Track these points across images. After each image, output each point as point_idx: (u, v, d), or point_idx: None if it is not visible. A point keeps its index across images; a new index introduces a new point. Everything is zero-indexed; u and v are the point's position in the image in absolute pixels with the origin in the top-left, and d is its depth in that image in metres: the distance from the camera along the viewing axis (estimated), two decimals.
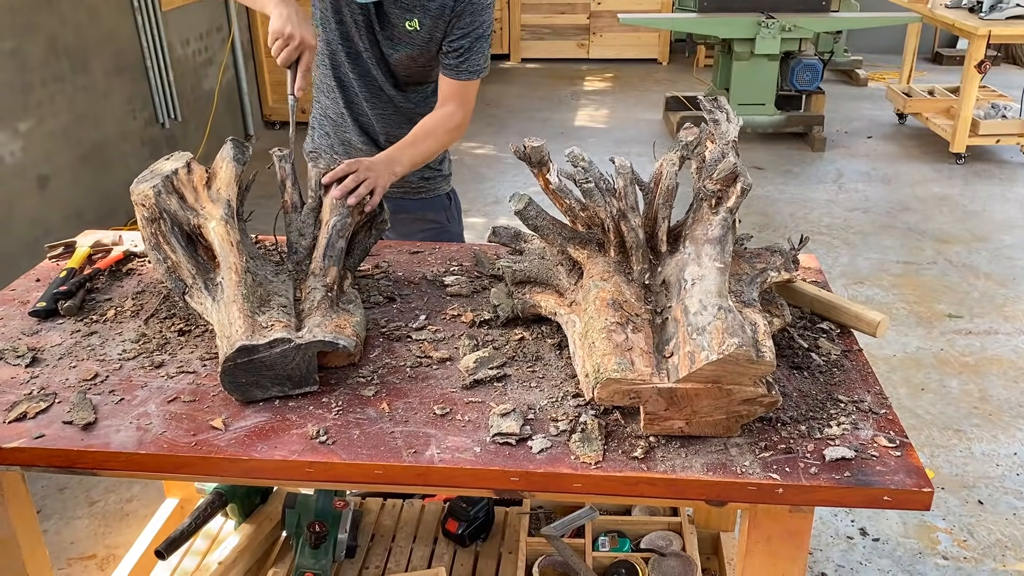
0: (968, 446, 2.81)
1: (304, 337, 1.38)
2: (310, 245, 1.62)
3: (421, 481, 1.28)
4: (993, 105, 5.72)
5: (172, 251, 1.52)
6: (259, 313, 1.42)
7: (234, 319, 1.40)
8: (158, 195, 1.52)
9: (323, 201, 1.67)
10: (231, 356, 1.34)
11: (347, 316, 1.49)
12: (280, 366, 1.36)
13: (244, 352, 1.34)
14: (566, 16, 8.39)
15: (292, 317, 1.44)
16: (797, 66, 5.69)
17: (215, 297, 1.48)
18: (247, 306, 1.42)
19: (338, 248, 1.59)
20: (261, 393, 1.38)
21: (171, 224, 1.52)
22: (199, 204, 1.56)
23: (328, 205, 1.65)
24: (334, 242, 1.59)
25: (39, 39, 3.74)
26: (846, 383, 1.44)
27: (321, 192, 1.67)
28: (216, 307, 1.46)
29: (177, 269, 1.54)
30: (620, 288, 1.40)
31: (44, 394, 1.41)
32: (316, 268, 1.56)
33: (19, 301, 1.73)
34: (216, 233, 1.52)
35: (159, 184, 1.53)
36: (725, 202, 1.43)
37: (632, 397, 1.25)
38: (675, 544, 2.08)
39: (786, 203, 4.94)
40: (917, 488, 1.21)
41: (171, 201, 1.53)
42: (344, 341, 1.40)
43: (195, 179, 1.60)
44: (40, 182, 3.76)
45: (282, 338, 1.36)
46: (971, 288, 3.91)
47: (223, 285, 1.47)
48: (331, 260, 1.57)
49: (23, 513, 1.49)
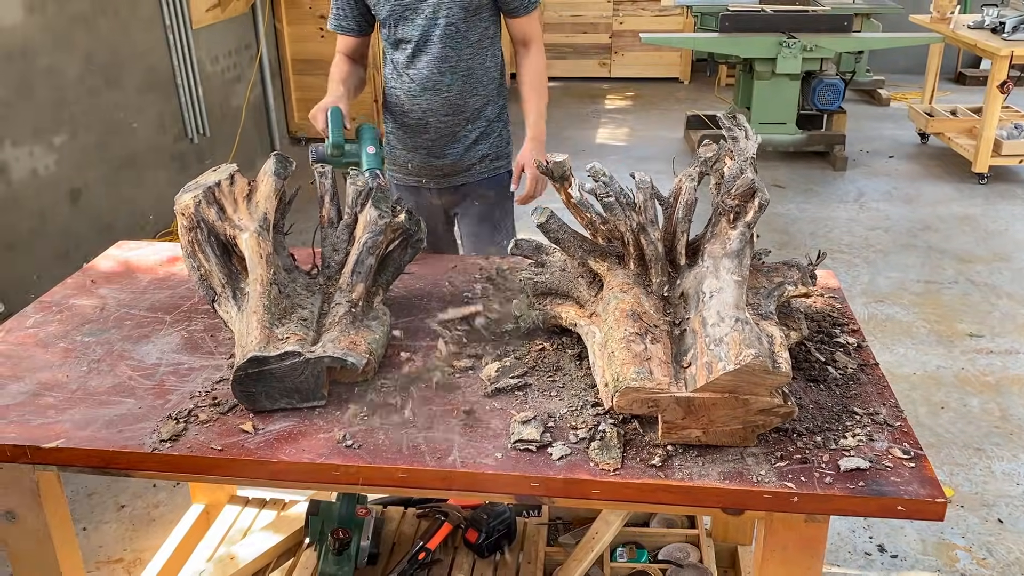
0: (988, 465, 2.81)
1: (315, 352, 1.41)
2: (342, 260, 1.65)
3: (443, 485, 1.31)
4: (1016, 125, 5.71)
5: (206, 259, 1.58)
6: (278, 325, 1.45)
7: (251, 329, 1.43)
8: (198, 205, 1.57)
9: (358, 217, 1.70)
10: (243, 366, 1.37)
11: (366, 332, 1.51)
12: (289, 378, 1.40)
13: (255, 363, 1.37)
14: (588, 35, 8.46)
15: (311, 331, 1.47)
16: (818, 85, 5.70)
17: (240, 307, 1.52)
18: (267, 317, 1.45)
19: (367, 265, 1.61)
20: (269, 404, 1.41)
21: (207, 234, 1.57)
22: (237, 216, 1.61)
23: (363, 222, 1.67)
24: (363, 259, 1.62)
25: (75, 56, 3.84)
26: (862, 396, 1.46)
27: (357, 209, 1.70)
28: (240, 316, 1.50)
29: (209, 277, 1.59)
30: (639, 300, 1.43)
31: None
32: (343, 284, 1.59)
33: (56, 308, 1.79)
34: (247, 245, 1.57)
35: (200, 195, 1.58)
36: (743, 217, 1.46)
37: (650, 406, 1.28)
38: (692, 556, 2.09)
39: (807, 221, 4.95)
40: (931, 498, 1.23)
41: (210, 212, 1.59)
42: (353, 358, 1.41)
43: (236, 191, 1.65)
44: (72, 195, 3.85)
45: (293, 351, 1.38)
46: (992, 307, 3.90)
47: (249, 295, 1.52)
48: (359, 276, 1.60)
49: (58, 513, 1.54)
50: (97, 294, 1.85)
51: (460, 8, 2.17)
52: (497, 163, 2.41)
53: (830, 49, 5.62)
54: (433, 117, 2.30)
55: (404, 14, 2.20)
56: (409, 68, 2.27)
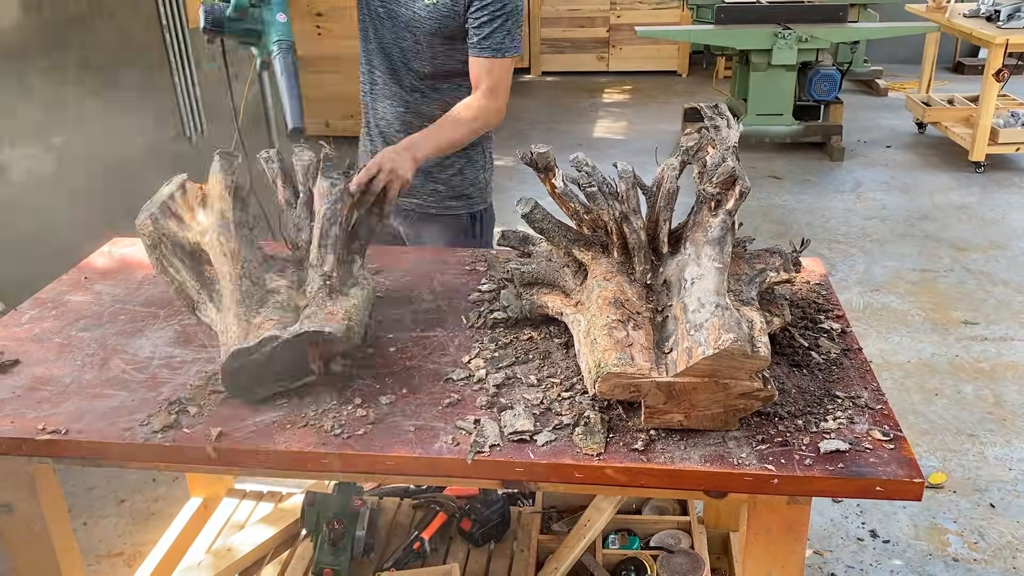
0: (981, 450, 2.83)
1: (290, 331, 1.40)
2: (308, 238, 1.64)
3: (430, 472, 1.34)
4: (1013, 114, 5.71)
5: (176, 271, 1.58)
6: (256, 315, 1.47)
7: (229, 325, 1.45)
8: (155, 221, 1.57)
9: (313, 192, 1.68)
10: (227, 363, 1.39)
11: (343, 300, 1.50)
12: (275, 362, 1.40)
13: (238, 356, 1.38)
14: (586, 30, 8.47)
15: (289, 312, 1.48)
16: (815, 76, 5.71)
17: (218, 307, 1.54)
18: (242, 311, 1.47)
19: (332, 235, 1.60)
20: (265, 391, 1.42)
21: (171, 246, 1.57)
22: (195, 222, 1.61)
23: (319, 194, 1.66)
24: (327, 230, 1.60)
25: (72, 56, 3.87)
26: (844, 380, 1.48)
27: (310, 183, 1.68)
28: (220, 316, 1.51)
29: (184, 288, 1.59)
30: (622, 287, 1.45)
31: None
32: (313, 259, 1.59)
33: (52, 304, 1.81)
34: (209, 245, 1.57)
35: (155, 211, 1.59)
36: (724, 205, 1.48)
37: (632, 391, 1.30)
38: (684, 543, 2.12)
39: (804, 212, 4.96)
40: (908, 479, 1.25)
41: (169, 224, 1.59)
42: (331, 327, 1.41)
43: (189, 199, 1.64)
44: (72, 195, 3.88)
45: (270, 336, 1.38)
46: (988, 295, 3.92)
47: (222, 294, 1.53)
48: (326, 249, 1.58)
49: (54, 505, 1.57)
50: (92, 290, 1.88)
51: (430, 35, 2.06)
52: (451, 202, 2.27)
53: (826, 40, 5.63)
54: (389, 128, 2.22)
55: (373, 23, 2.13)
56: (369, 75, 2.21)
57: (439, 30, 2.05)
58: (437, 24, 2.04)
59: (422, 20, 2.05)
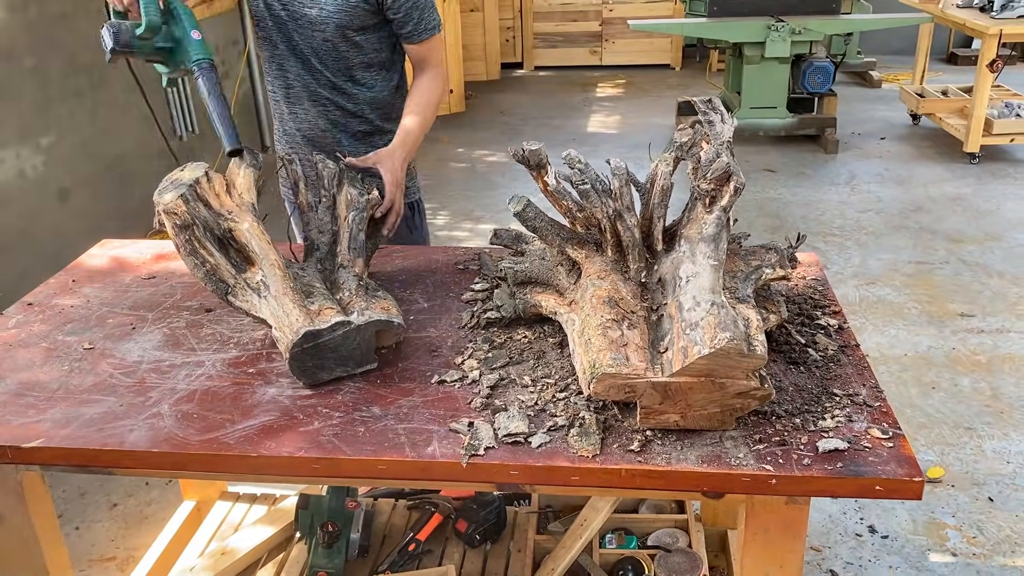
0: (979, 444, 2.81)
1: (362, 318, 1.47)
2: (330, 241, 1.71)
3: (424, 476, 1.32)
4: (1007, 104, 5.70)
5: (209, 255, 1.55)
6: (310, 303, 1.50)
7: (289, 310, 1.47)
8: (187, 202, 1.54)
9: (336, 198, 1.75)
10: (298, 343, 1.41)
11: (386, 300, 1.58)
12: (343, 347, 1.46)
13: (309, 337, 1.42)
14: (578, 24, 8.43)
15: (336, 305, 1.52)
16: (808, 69, 5.69)
17: (260, 294, 1.53)
18: (297, 297, 1.50)
19: (360, 241, 1.70)
20: (326, 375, 1.47)
21: (203, 229, 1.55)
22: (225, 209, 1.60)
23: (344, 201, 1.74)
24: (356, 235, 1.70)
25: (58, 56, 3.83)
26: (842, 377, 1.46)
27: (334, 191, 1.75)
28: (265, 302, 1.51)
29: (217, 271, 1.56)
30: (617, 286, 1.43)
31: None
32: (344, 260, 1.67)
33: (39, 308, 1.79)
34: (251, 234, 1.57)
35: (186, 192, 1.56)
36: (719, 201, 1.46)
37: (627, 391, 1.29)
38: (681, 541, 2.10)
39: (799, 205, 4.95)
40: (908, 477, 1.23)
41: (200, 208, 1.57)
42: (397, 319, 1.51)
43: (216, 186, 1.64)
44: (61, 195, 3.85)
45: (342, 321, 1.45)
46: (984, 287, 3.91)
47: (266, 282, 1.53)
48: (356, 252, 1.68)
49: (43, 512, 1.54)
50: (80, 293, 1.85)
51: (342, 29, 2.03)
52: None
53: (819, 31, 5.61)
54: (317, 127, 2.18)
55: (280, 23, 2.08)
56: (283, 79, 2.15)
57: (350, 23, 2.02)
58: (348, 18, 2.01)
59: (330, 16, 2.01)
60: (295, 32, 2.07)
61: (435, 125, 2.19)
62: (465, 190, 5.16)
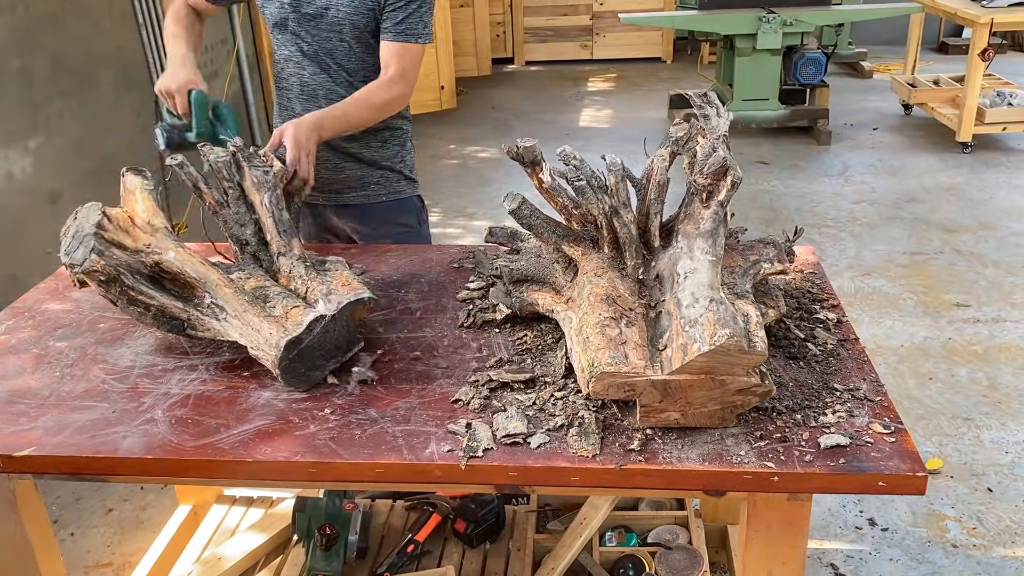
0: (977, 434, 2.81)
1: (332, 306, 1.43)
2: (255, 231, 1.63)
3: (421, 479, 1.30)
4: (999, 93, 5.70)
5: (151, 298, 1.49)
6: (273, 309, 1.45)
7: (258, 326, 1.42)
8: (101, 255, 1.46)
9: (242, 186, 1.66)
10: (282, 356, 1.37)
11: (339, 273, 1.52)
12: (327, 341, 1.43)
13: (291, 346, 1.38)
14: (568, 18, 8.41)
15: (296, 300, 1.47)
16: (800, 60, 5.68)
17: (219, 317, 1.47)
18: (258, 308, 1.45)
19: (285, 220, 1.61)
20: (320, 373, 1.45)
21: (132, 275, 1.48)
22: (140, 244, 1.53)
23: (251, 186, 1.64)
24: (279, 217, 1.61)
25: (45, 57, 3.79)
26: (842, 372, 1.45)
27: (237, 178, 1.65)
28: (230, 325, 1.46)
29: (165, 311, 1.50)
30: (614, 283, 1.42)
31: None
32: (280, 248, 1.58)
33: (29, 313, 1.77)
34: (181, 260, 1.50)
35: (95, 245, 1.47)
36: (716, 196, 1.44)
37: (627, 390, 1.27)
38: (682, 538, 2.09)
39: (792, 197, 4.94)
40: (911, 473, 1.22)
41: (116, 253, 1.49)
42: (365, 293, 1.47)
43: (120, 222, 1.56)
44: (51, 197, 3.81)
45: (316, 317, 1.40)
46: (979, 276, 3.90)
47: (219, 303, 1.47)
48: (287, 234, 1.60)
49: (37, 520, 1.53)
50: (70, 298, 1.83)
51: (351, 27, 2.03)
52: (400, 184, 2.22)
53: (810, 23, 5.60)
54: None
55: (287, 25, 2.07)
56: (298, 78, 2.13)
57: (365, 24, 2.01)
58: (363, 20, 2.01)
59: (346, 18, 2.01)
60: (314, 34, 2.06)
61: (428, 121, 2.16)
62: (457, 187, 5.14)
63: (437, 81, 6.87)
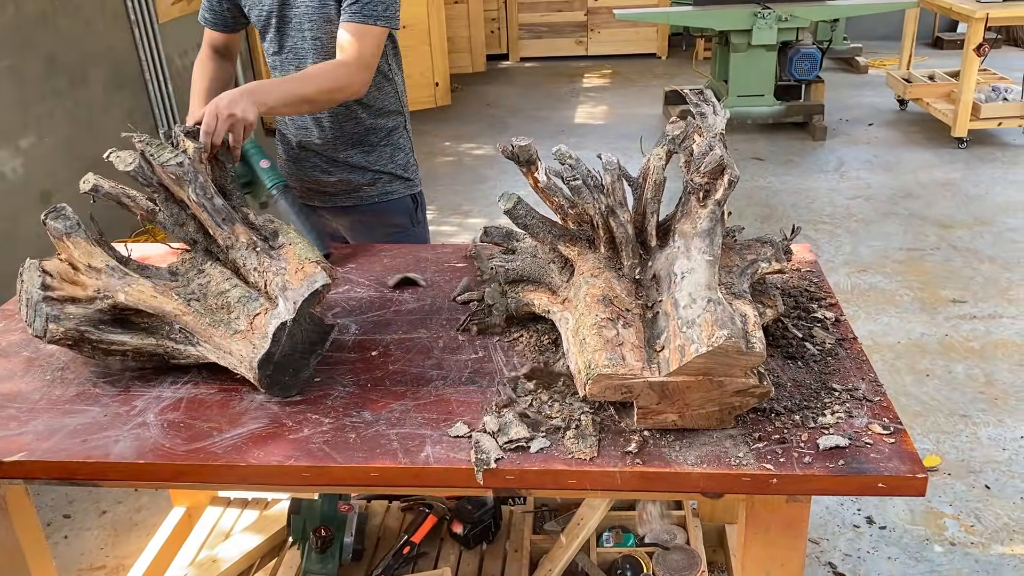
0: (974, 431, 2.80)
1: (289, 306, 1.37)
2: (196, 227, 1.57)
3: (417, 482, 1.29)
4: (994, 88, 5.70)
5: (123, 344, 1.46)
6: (239, 321, 1.40)
7: (228, 347, 1.39)
8: (58, 321, 1.42)
9: (161, 184, 1.57)
10: (259, 375, 1.35)
11: (291, 250, 1.46)
12: (297, 341, 1.40)
13: (265, 364, 1.35)
14: (563, 14, 8.39)
15: (259, 298, 1.42)
16: (795, 55, 5.67)
17: (193, 342, 1.44)
18: (222, 328, 1.40)
19: (219, 205, 1.52)
20: (307, 372, 1.43)
21: (96, 328, 1.44)
22: (91, 290, 1.47)
23: (169, 180, 1.54)
24: (212, 207, 1.52)
25: (37, 56, 3.77)
26: (840, 372, 1.44)
27: (156, 181, 1.57)
28: (204, 348, 1.43)
29: (143, 351, 1.47)
30: (610, 284, 1.41)
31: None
32: (224, 240, 1.52)
33: (19, 317, 1.74)
34: (134, 298, 1.45)
35: (48, 312, 1.43)
36: (713, 195, 1.43)
37: (624, 392, 1.26)
38: (679, 538, 2.08)
39: (788, 193, 4.93)
40: (911, 474, 1.21)
41: (72, 310, 1.45)
42: (320, 281, 1.39)
43: (64, 275, 1.51)
44: (43, 197, 3.79)
45: (279, 325, 1.35)
46: (975, 272, 3.90)
47: (186, 331, 1.44)
48: (226, 222, 1.51)
49: (28, 525, 1.51)
50: None
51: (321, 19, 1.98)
52: (393, 185, 2.17)
53: (805, 18, 5.59)
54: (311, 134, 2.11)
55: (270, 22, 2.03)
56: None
57: (330, 17, 1.95)
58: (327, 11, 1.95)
59: (313, 11, 1.97)
60: (289, 34, 2.03)
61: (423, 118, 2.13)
62: (452, 184, 5.12)
63: (432, 78, 6.84)
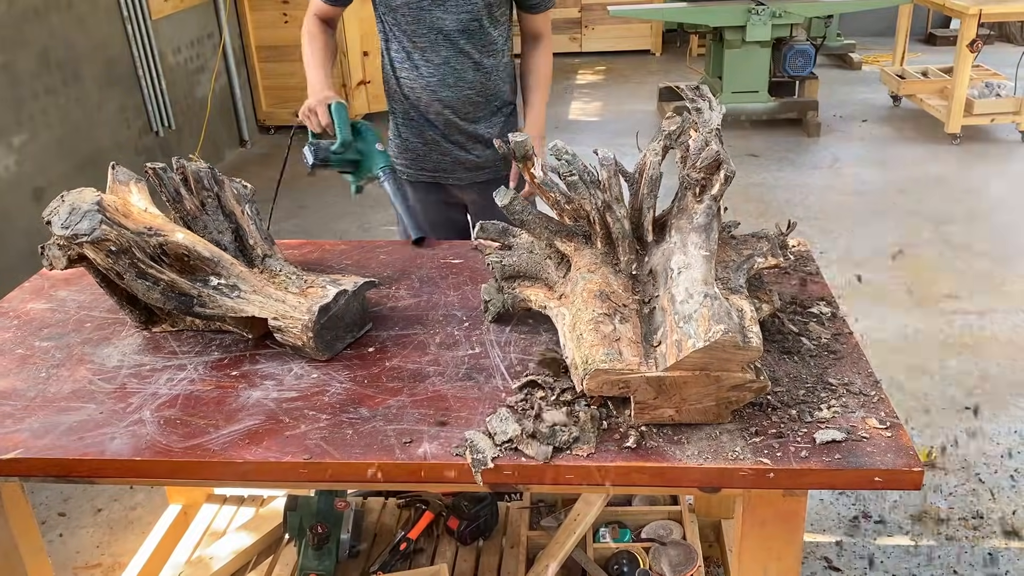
0: (968, 425, 2.81)
1: (351, 284, 1.56)
2: (233, 238, 1.68)
3: (414, 478, 1.28)
4: (987, 84, 5.71)
5: (160, 272, 1.49)
6: (291, 286, 1.57)
7: (281, 297, 1.52)
8: (111, 226, 1.46)
9: (220, 196, 1.71)
10: (316, 319, 1.46)
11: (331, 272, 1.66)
12: (347, 315, 1.54)
13: (324, 311, 1.48)
14: (557, 10, 8.37)
15: (303, 278, 1.59)
16: (789, 52, 5.67)
17: (232, 296, 1.51)
18: (277, 283, 1.55)
19: (264, 231, 1.72)
20: (340, 345, 1.54)
21: (139, 249, 1.47)
22: (141, 227, 1.51)
23: (231, 197, 1.71)
24: (260, 225, 1.71)
25: (30, 52, 3.75)
26: (837, 366, 1.44)
27: (215, 189, 1.70)
28: (244, 300, 1.50)
29: (175, 286, 1.50)
30: (607, 279, 1.41)
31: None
32: (265, 251, 1.67)
33: (13, 313, 1.74)
34: (191, 240, 1.53)
35: (101, 217, 1.46)
36: (709, 190, 1.43)
37: (621, 387, 1.26)
38: (676, 533, 2.08)
39: (783, 189, 4.94)
40: (907, 468, 1.21)
41: (124, 230, 1.48)
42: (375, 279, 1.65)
43: (119, 206, 1.54)
44: (36, 194, 3.78)
45: (342, 291, 1.52)
46: (968, 268, 3.91)
47: (230, 283, 1.52)
48: (268, 241, 1.70)
49: (24, 523, 1.51)
50: (55, 297, 1.80)
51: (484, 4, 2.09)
52: None
53: (799, 14, 5.59)
54: (455, 114, 2.20)
55: (422, 5, 2.08)
56: (427, 61, 2.15)
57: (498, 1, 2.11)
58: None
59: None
60: (443, 14, 2.08)
61: None
62: None
63: None
